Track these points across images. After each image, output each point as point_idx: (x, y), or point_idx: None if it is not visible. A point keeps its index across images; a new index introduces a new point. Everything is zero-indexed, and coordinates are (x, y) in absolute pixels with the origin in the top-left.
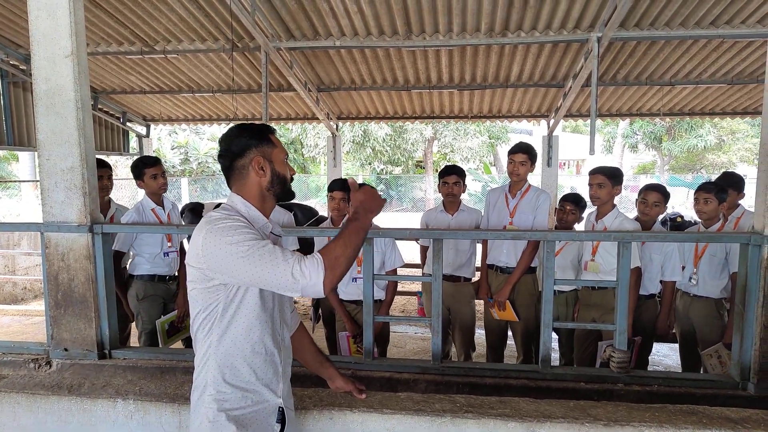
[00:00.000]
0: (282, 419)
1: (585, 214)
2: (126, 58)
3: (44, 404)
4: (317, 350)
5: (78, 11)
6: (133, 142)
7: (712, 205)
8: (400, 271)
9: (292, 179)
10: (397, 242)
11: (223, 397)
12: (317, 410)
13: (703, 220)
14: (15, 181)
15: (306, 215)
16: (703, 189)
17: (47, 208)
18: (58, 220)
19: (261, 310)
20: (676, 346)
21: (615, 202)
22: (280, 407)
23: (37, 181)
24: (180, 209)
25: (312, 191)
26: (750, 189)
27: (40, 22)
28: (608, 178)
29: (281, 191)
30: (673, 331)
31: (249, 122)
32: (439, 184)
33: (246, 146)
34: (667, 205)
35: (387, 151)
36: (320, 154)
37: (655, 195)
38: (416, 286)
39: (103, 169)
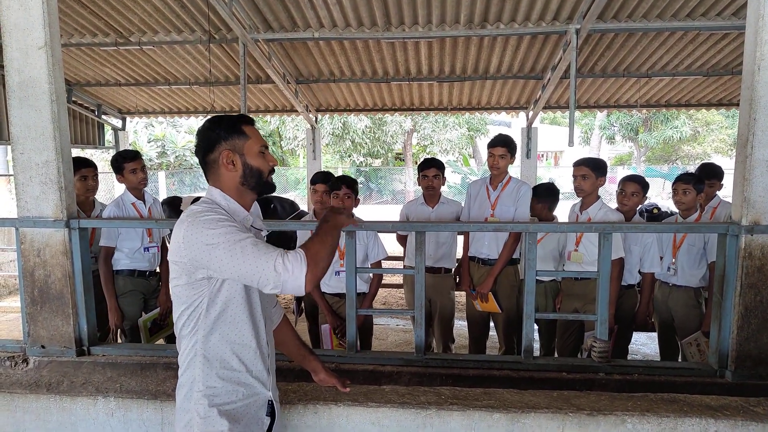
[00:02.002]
0: (272, 412)
1: (568, 206)
2: (100, 50)
3: (22, 403)
4: (301, 343)
5: (51, 1)
6: (109, 136)
7: (690, 195)
8: (383, 263)
9: (272, 171)
10: (379, 234)
11: (213, 392)
12: (302, 404)
13: (681, 210)
14: None
15: (287, 209)
16: (682, 180)
17: (22, 203)
18: (33, 215)
19: (246, 304)
20: (654, 335)
21: (600, 193)
22: (270, 400)
23: (10, 175)
24: None
25: (291, 184)
26: (726, 180)
27: (11, 12)
28: (592, 169)
29: (257, 184)
30: (652, 320)
31: (226, 114)
32: (418, 177)
33: (215, 140)
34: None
35: (366, 144)
36: (299, 146)
37: (632, 185)
38: (397, 279)
39: (89, 168)
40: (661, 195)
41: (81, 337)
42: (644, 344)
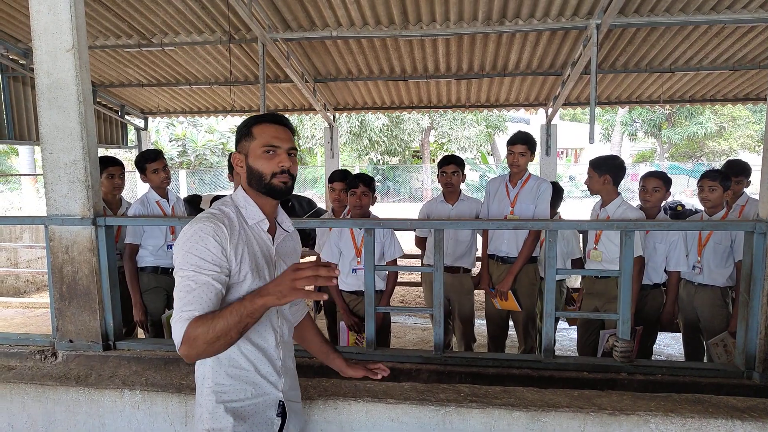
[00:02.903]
0: (282, 413)
1: (586, 203)
2: (124, 52)
3: (53, 395)
4: (323, 341)
5: (78, 5)
6: (132, 135)
7: (716, 192)
8: (399, 262)
9: (280, 173)
10: (395, 233)
11: (221, 389)
12: (322, 400)
13: (707, 208)
14: (15, 175)
15: (304, 207)
16: (708, 177)
17: (51, 202)
18: (61, 213)
19: None
20: (678, 335)
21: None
22: (280, 401)
23: (38, 174)
24: None
25: (309, 182)
26: (754, 177)
27: (41, 16)
28: (594, 168)
29: (260, 187)
30: (677, 320)
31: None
32: (438, 174)
33: (235, 141)
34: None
35: (384, 142)
36: (317, 145)
37: (654, 181)
38: (415, 277)
39: (116, 167)
40: (685, 192)
41: (107, 332)
42: (668, 345)
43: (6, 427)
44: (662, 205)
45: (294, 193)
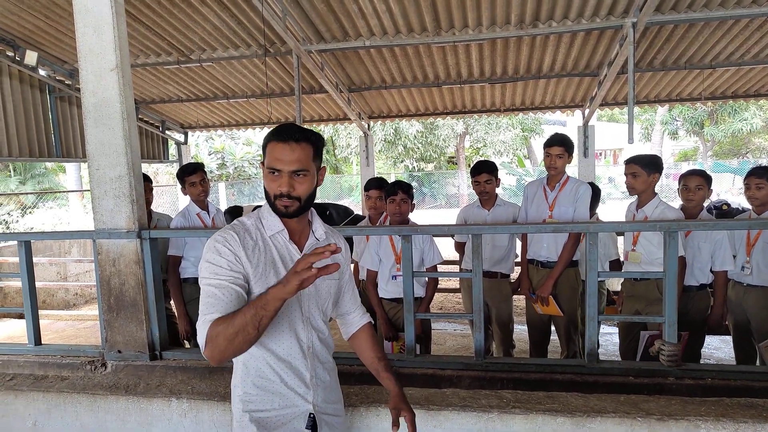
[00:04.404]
0: (313, 425)
1: (626, 204)
2: (164, 69)
3: (104, 404)
4: (376, 356)
5: (121, 26)
6: (172, 150)
7: (764, 190)
8: (439, 268)
9: (280, 196)
10: (434, 239)
11: (249, 398)
12: (364, 407)
13: (755, 206)
14: (63, 191)
15: (341, 214)
16: (755, 174)
17: (98, 216)
18: (108, 227)
19: (281, 316)
20: (728, 338)
21: (656, 190)
22: (310, 413)
23: (84, 191)
24: None
25: (345, 191)
26: None
27: (86, 38)
28: (642, 167)
29: (270, 205)
30: (726, 323)
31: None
32: (472, 183)
33: None
34: (713, 192)
35: (419, 149)
36: (352, 154)
37: (695, 179)
38: (453, 283)
39: (145, 183)
40: (731, 191)
41: (153, 342)
42: (717, 348)
43: None
44: (707, 204)
45: (330, 202)
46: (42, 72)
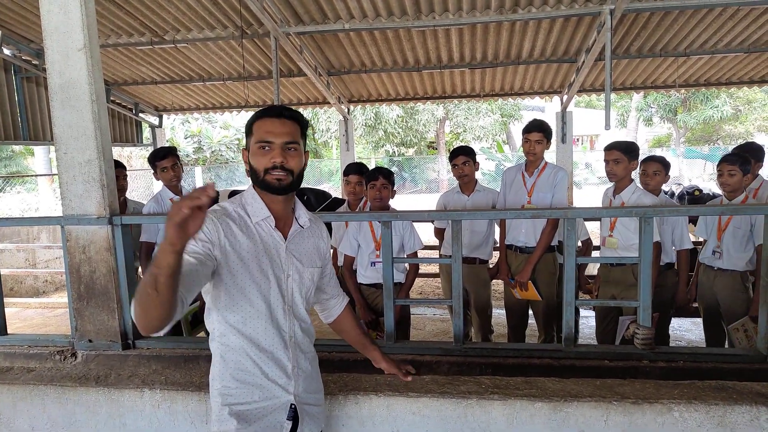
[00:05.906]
0: (294, 416)
1: (602, 190)
2: (136, 49)
3: (73, 395)
4: (361, 332)
5: (89, 4)
6: (147, 133)
7: (736, 177)
8: (419, 254)
9: (273, 168)
10: (414, 224)
11: (228, 391)
12: (342, 395)
13: (727, 192)
14: (31, 176)
15: (319, 198)
16: (727, 161)
17: (66, 202)
18: (77, 213)
19: (249, 305)
20: (699, 320)
21: (633, 176)
22: (291, 404)
23: (53, 174)
24: None
25: (325, 175)
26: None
27: (52, 16)
28: (624, 153)
29: (257, 183)
30: (695, 304)
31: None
32: (451, 168)
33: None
34: (686, 178)
35: (399, 133)
36: (332, 138)
37: (653, 165)
38: (433, 268)
39: (118, 169)
40: (702, 177)
41: (126, 331)
42: (688, 330)
43: (27, 429)
44: (679, 190)
45: (309, 186)
46: (6, 51)
